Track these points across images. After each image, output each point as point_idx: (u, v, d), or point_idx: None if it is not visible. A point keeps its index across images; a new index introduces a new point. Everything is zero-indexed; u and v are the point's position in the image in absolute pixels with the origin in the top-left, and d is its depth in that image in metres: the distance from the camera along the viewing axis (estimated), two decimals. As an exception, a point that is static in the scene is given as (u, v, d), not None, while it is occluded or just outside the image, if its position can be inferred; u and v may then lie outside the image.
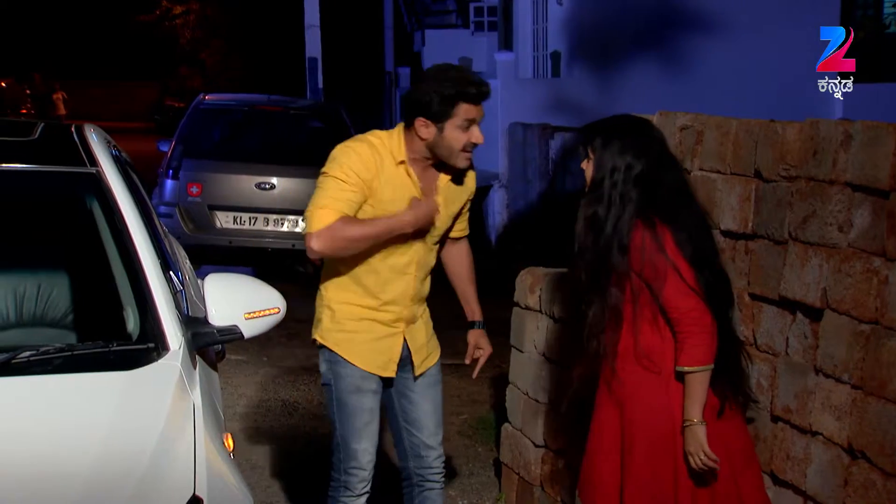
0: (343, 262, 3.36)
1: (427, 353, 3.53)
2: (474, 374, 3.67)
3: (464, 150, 3.29)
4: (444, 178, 3.41)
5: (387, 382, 3.49)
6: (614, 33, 13.12)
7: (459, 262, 3.63)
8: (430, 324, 3.57)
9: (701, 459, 2.96)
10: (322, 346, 3.45)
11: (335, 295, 3.40)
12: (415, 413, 3.53)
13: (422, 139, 3.30)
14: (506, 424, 4.75)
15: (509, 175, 12.89)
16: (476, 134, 3.29)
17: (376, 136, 3.37)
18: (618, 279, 3.01)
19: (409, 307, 3.43)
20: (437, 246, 3.50)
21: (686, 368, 2.97)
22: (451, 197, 3.44)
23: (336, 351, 3.41)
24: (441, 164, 3.37)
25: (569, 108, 12.94)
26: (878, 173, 2.83)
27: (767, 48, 12.54)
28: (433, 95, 3.25)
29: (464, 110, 3.25)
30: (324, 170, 3.31)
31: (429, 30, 19.53)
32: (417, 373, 3.50)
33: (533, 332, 4.51)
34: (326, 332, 3.42)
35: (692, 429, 2.97)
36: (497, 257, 11.94)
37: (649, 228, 2.97)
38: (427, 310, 3.56)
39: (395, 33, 21.08)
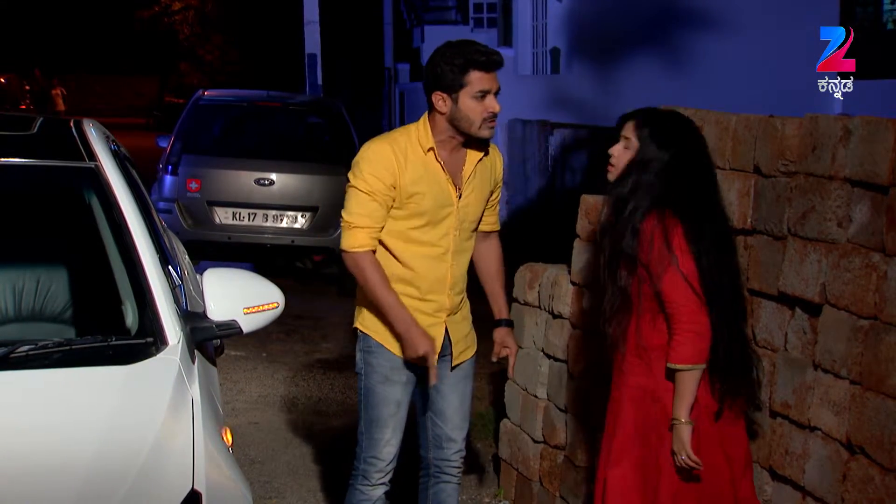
0: (381, 254, 3.39)
1: (465, 346, 3.53)
2: (510, 374, 3.66)
3: (484, 120, 3.30)
4: (471, 161, 3.41)
5: (419, 373, 3.48)
6: (613, 29, 13.11)
7: (489, 258, 3.63)
8: (470, 317, 3.57)
9: (682, 460, 2.98)
10: (360, 335, 3.47)
11: None
12: (442, 404, 3.53)
13: (441, 113, 3.32)
14: (504, 420, 4.75)
15: (508, 171, 12.89)
16: (492, 103, 3.29)
17: (403, 132, 3.40)
18: (627, 264, 3.03)
19: (448, 296, 3.43)
20: (474, 233, 3.50)
21: (674, 366, 2.98)
22: (480, 180, 3.44)
23: (375, 338, 3.42)
24: (468, 144, 3.38)
25: (568, 105, 12.94)
26: (877, 169, 2.83)
27: (767, 45, 12.54)
28: (444, 66, 3.29)
29: (475, 78, 3.27)
30: (349, 176, 3.36)
31: (428, 26, 19.53)
32: (455, 363, 3.49)
33: (532, 327, 4.51)
34: (367, 319, 3.44)
35: (677, 428, 2.99)
36: (502, 254, 11.91)
37: (661, 220, 2.98)
38: (467, 303, 3.56)
39: (394, 29, 21.06)
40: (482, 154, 3.43)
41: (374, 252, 3.34)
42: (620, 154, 3.08)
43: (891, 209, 2.78)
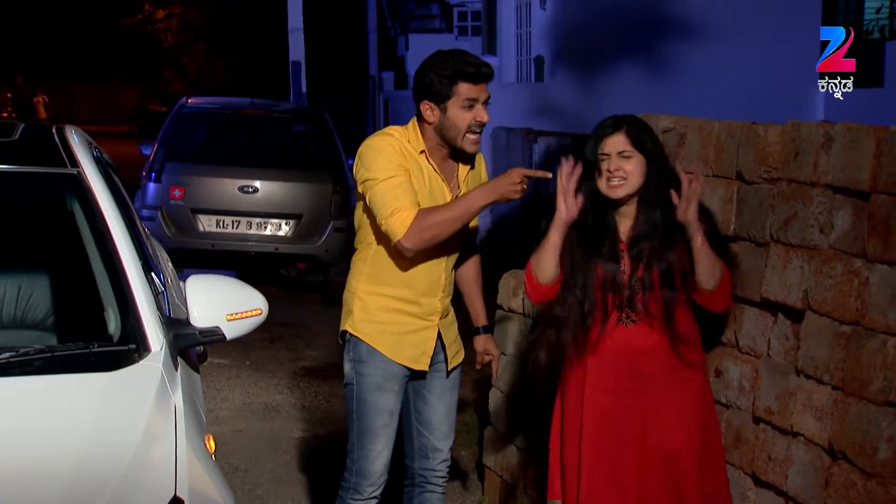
0: (375, 254, 3.35)
1: (456, 350, 3.52)
2: (493, 379, 3.63)
3: (470, 130, 3.29)
4: (463, 170, 3.42)
5: (409, 381, 3.46)
6: (598, 38, 13.15)
7: (469, 263, 3.61)
8: (456, 322, 3.55)
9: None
10: (349, 340, 3.40)
11: (367, 287, 3.38)
12: (428, 414, 3.51)
13: (429, 123, 3.33)
14: (489, 427, 4.74)
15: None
16: (480, 113, 3.28)
17: (394, 129, 3.39)
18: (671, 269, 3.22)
19: (441, 299, 3.42)
20: (463, 238, 3.47)
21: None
22: (472, 186, 3.43)
23: (367, 341, 3.37)
24: (456, 156, 3.39)
25: (552, 113, 12.97)
26: (858, 175, 2.84)
27: (749, 52, 12.59)
28: (433, 76, 3.29)
29: (464, 89, 3.27)
30: (365, 178, 3.26)
31: (412, 34, 19.56)
32: (450, 367, 3.48)
33: (516, 335, 4.51)
34: (359, 322, 3.38)
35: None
36: (480, 260, 11.91)
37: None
38: (452, 307, 3.54)
39: (378, 37, 21.08)
40: (471, 166, 3.44)
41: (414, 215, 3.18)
42: (631, 167, 3.09)
43: (872, 215, 2.80)
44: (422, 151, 3.34)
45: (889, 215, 2.74)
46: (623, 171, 3.10)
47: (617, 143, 3.11)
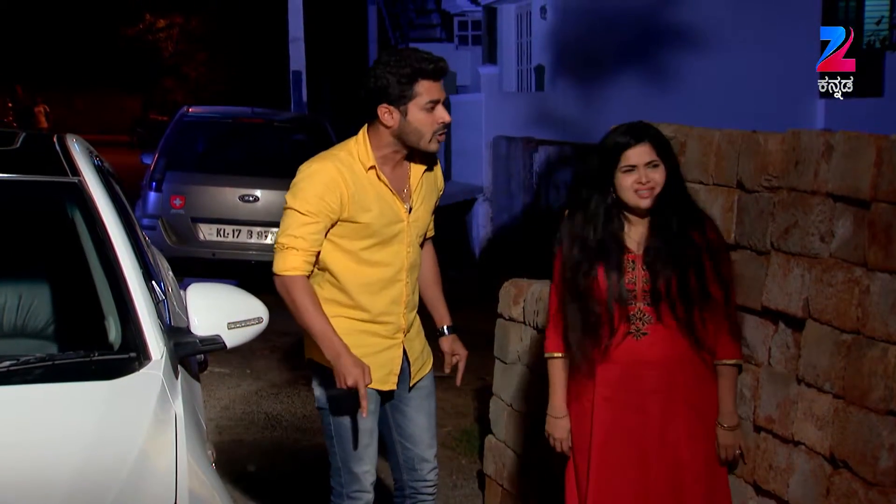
0: (331, 276, 3.26)
1: (422, 363, 3.44)
2: (458, 381, 3.53)
3: (434, 132, 3.17)
4: (415, 174, 3.29)
5: (382, 396, 3.39)
6: (598, 47, 13.17)
7: (426, 265, 3.49)
8: (422, 331, 3.46)
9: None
10: (316, 366, 3.33)
11: (326, 309, 3.21)
12: (410, 428, 3.44)
13: (387, 128, 3.17)
14: (489, 436, 4.74)
15: (493, 188, 12.92)
16: (442, 113, 3.15)
17: (343, 148, 3.25)
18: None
19: (404, 315, 3.32)
20: (420, 246, 3.39)
21: (733, 361, 3.18)
22: (426, 192, 3.34)
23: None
24: (410, 157, 3.26)
25: (552, 122, 12.99)
26: (859, 184, 2.85)
27: (751, 62, 12.62)
28: (389, 78, 3.13)
29: (425, 89, 3.12)
30: (286, 198, 3.20)
31: (413, 43, 19.56)
32: (413, 382, 3.40)
33: (517, 343, 4.51)
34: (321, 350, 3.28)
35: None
36: (481, 270, 11.95)
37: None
38: (418, 317, 3.44)
39: (379, 47, 21.10)
40: (426, 166, 3.31)
41: (307, 277, 3.17)
42: (658, 176, 3.06)
43: (872, 224, 2.80)
44: (371, 168, 3.20)
45: (889, 224, 2.74)
46: (653, 181, 3.05)
47: (643, 153, 3.04)
